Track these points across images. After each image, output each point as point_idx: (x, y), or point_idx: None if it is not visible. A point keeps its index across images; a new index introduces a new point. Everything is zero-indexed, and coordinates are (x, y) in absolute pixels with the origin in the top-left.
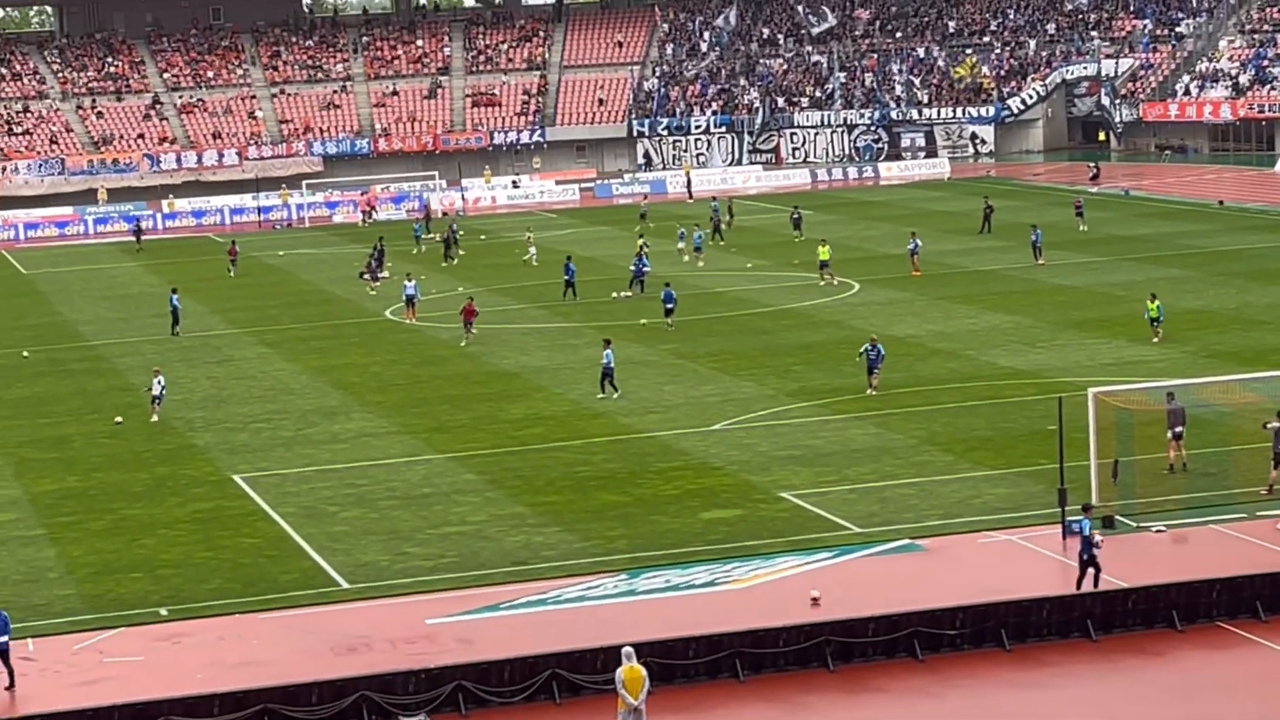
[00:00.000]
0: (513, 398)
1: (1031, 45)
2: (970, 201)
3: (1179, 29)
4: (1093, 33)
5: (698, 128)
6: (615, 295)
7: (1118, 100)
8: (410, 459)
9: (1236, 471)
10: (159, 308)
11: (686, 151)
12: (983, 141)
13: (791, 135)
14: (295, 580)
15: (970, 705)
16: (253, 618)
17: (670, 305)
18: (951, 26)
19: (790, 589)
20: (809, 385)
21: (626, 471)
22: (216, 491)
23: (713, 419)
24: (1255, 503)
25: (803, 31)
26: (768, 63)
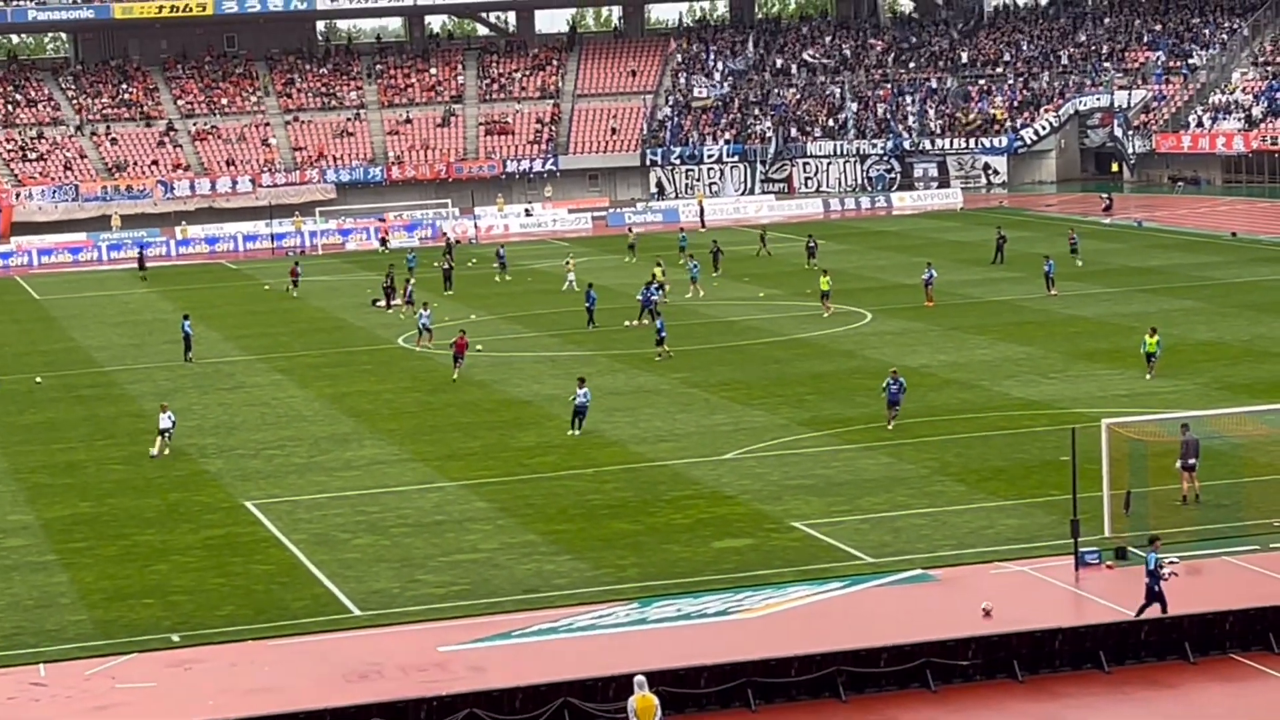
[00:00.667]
0: (525, 425)
1: (1045, 76)
2: (983, 232)
3: (1192, 60)
4: (1106, 64)
5: (710, 157)
6: (627, 324)
7: (1130, 131)
8: (422, 486)
9: (1249, 503)
10: (172, 334)
11: (699, 180)
12: (995, 172)
13: (804, 165)
14: (307, 607)
15: None
16: (264, 644)
17: (661, 334)
18: (965, 57)
19: (802, 619)
20: (821, 415)
21: (638, 500)
22: (229, 518)
23: (725, 448)
24: (1268, 535)
25: (815, 61)
26: (781, 92)
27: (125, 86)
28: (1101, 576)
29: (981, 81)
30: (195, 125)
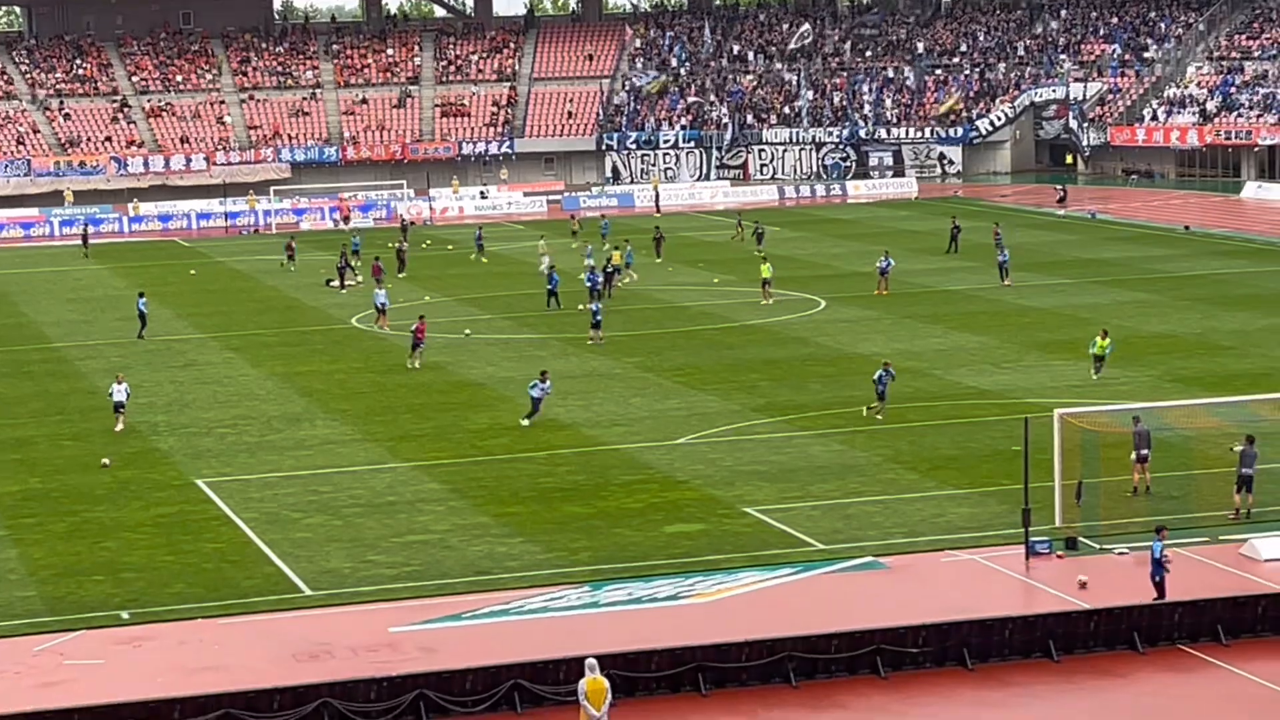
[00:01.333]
0: (478, 407)
1: (1001, 67)
2: (937, 221)
3: (1147, 54)
4: (1062, 56)
5: (666, 142)
6: (580, 307)
7: (1085, 124)
8: (374, 467)
9: (1200, 495)
10: (124, 311)
11: (655, 166)
12: (950, 162)
13: (760, 152)
14: (258, 586)
15: None
16: (214, 622)
17: (598, 318)
18: (921, 47)
19: (753, 604)
20: (774, 401)
21: (591, 484)
22: (180, 496)
23: (678, 433)
24: (1218, 526)
25: (773, 49)
26: (737, 79)
27: (79, 61)
28: (1052, 566)
29: (938, 71)
30: (150, 102)
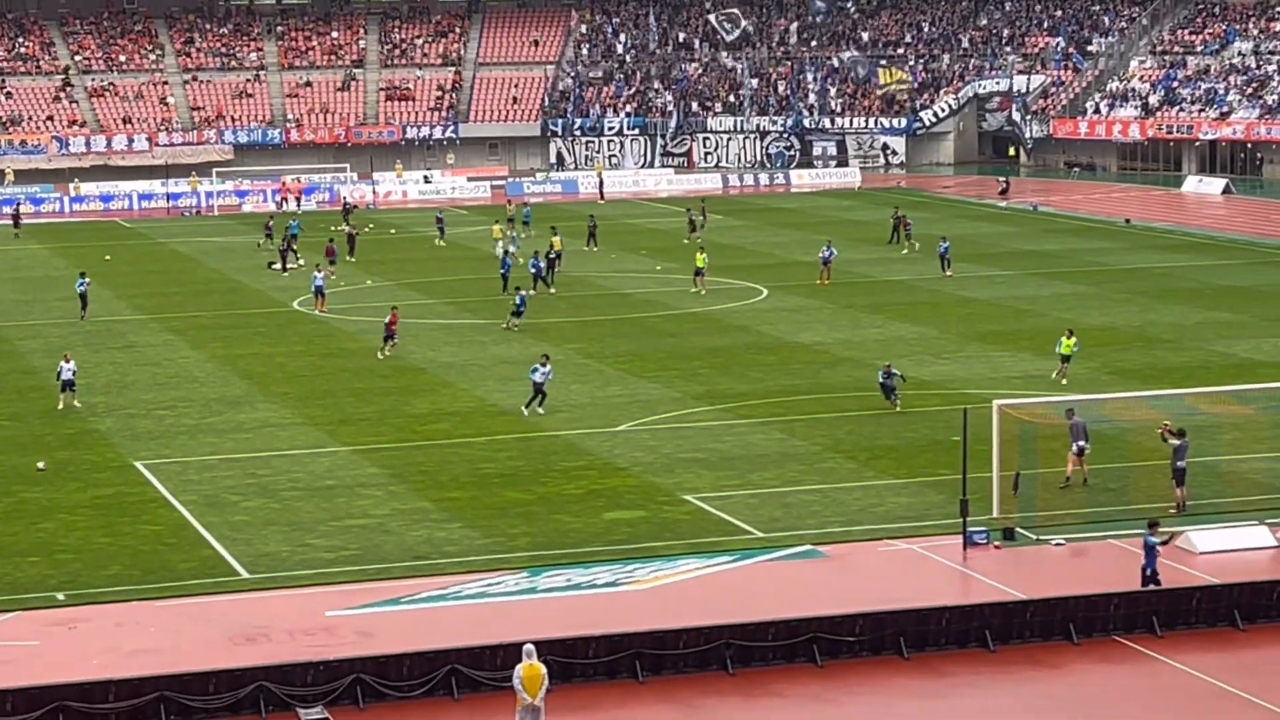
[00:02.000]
0: (419, 392)
1: (945, 59)
2: (880, 211)
3: (1090, 48)
4: (1006, 48)
5: (611, 129)
6: (532, 292)
7: (1028, 116)
8: (314, 451)
9: (1136, 487)
10: (64, 291)
11: (599, 153)
12: (894, 152)
13: (704, 140)
14: (195, 569)
15: (867, 712)
16: (151, 605)
17: (521, 306)
18: (866, 37)
19: (691, 591)
20: (715, 389)
21: (530, 470)
22: (117, 477)
23: (618, 420)
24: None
25: (718, 37)
26: (683, 67)
27: (21, 40)
28: (989, 556)
29: (883, 62)
30: (92, 81)
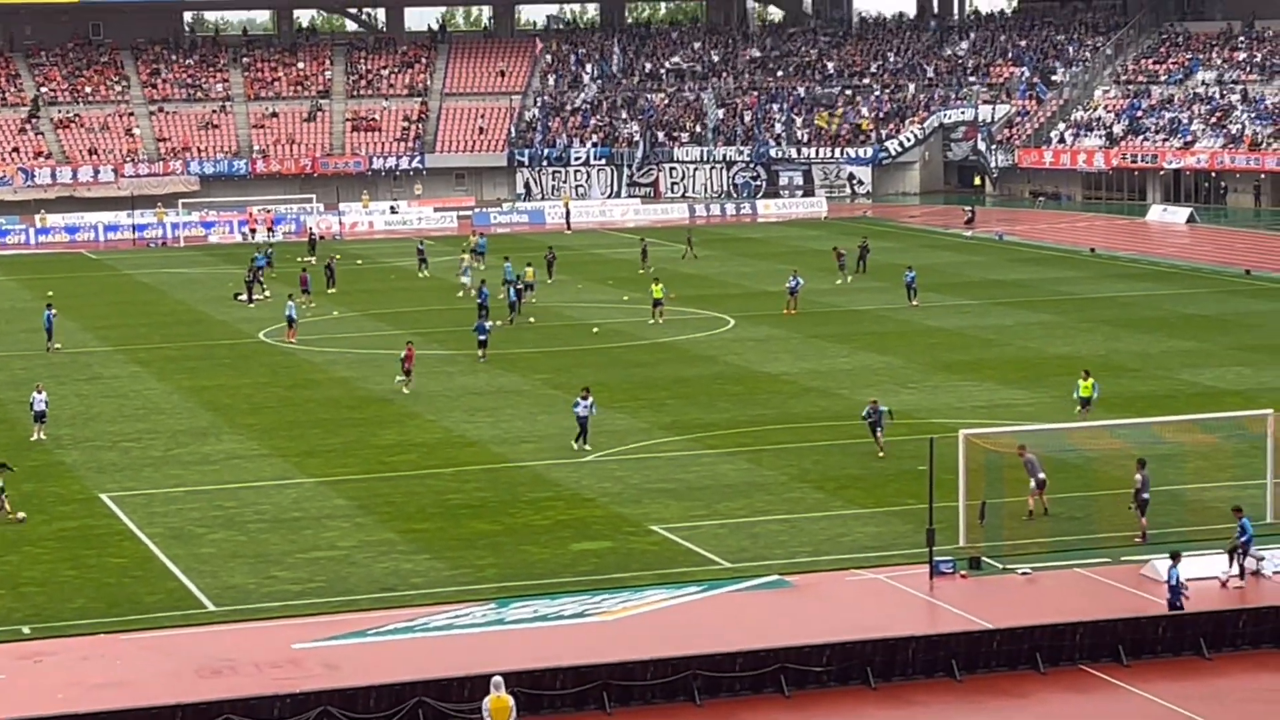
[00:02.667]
0: (385, 423)
1: (910, 89)
2: (846, 241)
3: (1055, 77)
4: (971, 78)
5: (577, 159)
6: (497, 323)
7: (993, 146)
8: (280, 482)
9: (1101, 516)
10: (30, 323)
11: (566, 183)
12: (860, 182)
13: (671, 170)
14: (161, 601)
15: None
16: (117, 638)
17: (482, 337)
18: (831, 68)
19: (659, 622)
20: (682, 419)
21: (498, 500)
22: (83, 510)
23: (585, 450)
24: (1119, 547)
25: (685, 67)
26: (649, 97)
27: None
28: (955, 586)
29: (849, 91)
30: (58, 113)
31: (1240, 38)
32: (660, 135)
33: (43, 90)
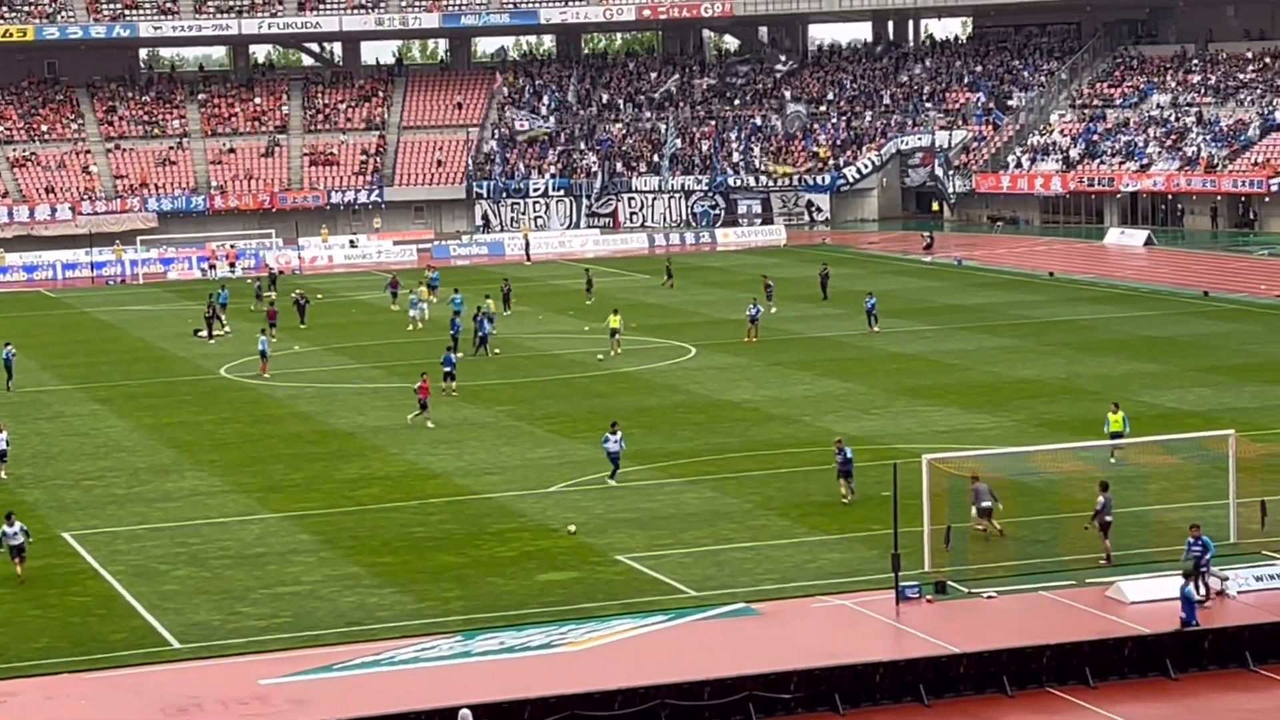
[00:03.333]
0: (348, 457)
1: (867, 115)
2: (806, 268)
3: (1011, 102)
4: (927, 104)
5: (536, 190)
6: (460, 355)
7: (951, 171)
8: (244, 518)
9: (1066, 539)
10: None
11: (525, 214)
12: (818, 209)
13: (629, 200)
14: (125, 639)
15: None
16: (81, 677)
17: (449, 369)
18: (789, 95)
19: (626, 651)
20: (645, 449)
21: (463, 533)
22: (46, 549)
23: (550, 481)
24: (1084, 570)
25: (641, 97)
26: (607, 128)
27: None
28: (922, 610)
29: (807, 120)
30: (14, 151)
31: (1194, 60)
32: (619, 165)
33: None
